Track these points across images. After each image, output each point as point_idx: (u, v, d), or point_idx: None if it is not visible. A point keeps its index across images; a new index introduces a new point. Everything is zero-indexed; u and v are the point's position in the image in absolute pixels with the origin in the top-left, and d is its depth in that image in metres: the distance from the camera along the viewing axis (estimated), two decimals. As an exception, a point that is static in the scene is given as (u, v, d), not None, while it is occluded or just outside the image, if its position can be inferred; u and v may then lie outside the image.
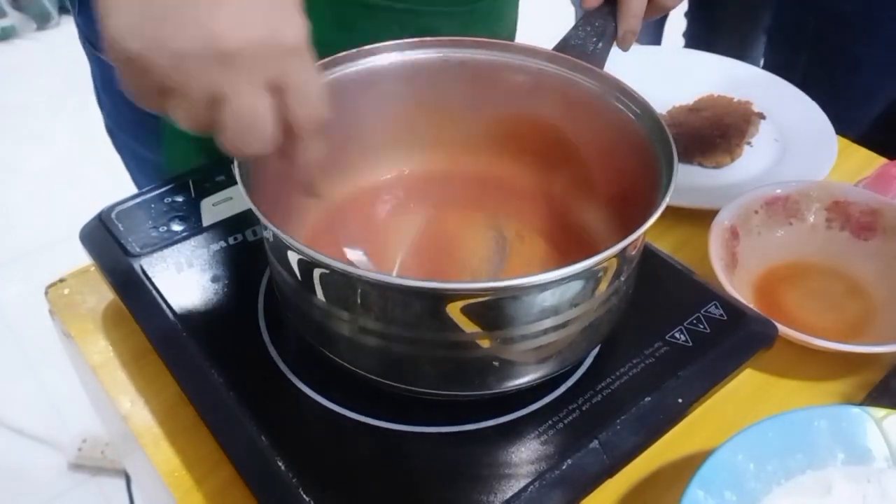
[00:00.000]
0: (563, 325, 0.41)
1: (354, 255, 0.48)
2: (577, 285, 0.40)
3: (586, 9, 0.54)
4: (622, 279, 0.43)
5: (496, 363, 0.41)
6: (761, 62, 1.17)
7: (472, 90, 0.53)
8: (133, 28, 0.32)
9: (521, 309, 0.39)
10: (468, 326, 0.39)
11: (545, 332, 0.40)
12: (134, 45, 0.32)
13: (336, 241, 0.51)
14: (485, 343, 0.40)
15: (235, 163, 0.41)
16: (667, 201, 0.40)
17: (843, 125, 0.74)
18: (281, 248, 0.41)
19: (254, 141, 0.35)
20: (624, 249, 0.39)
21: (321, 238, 0.52)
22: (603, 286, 0.41)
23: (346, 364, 0.44)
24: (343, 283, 0.39)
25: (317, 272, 0.40)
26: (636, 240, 0.39)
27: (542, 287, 0.38)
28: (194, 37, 0.31)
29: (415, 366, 0.42)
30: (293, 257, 0.40)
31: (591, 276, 0.40)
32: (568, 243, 0.53)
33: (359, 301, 0.40)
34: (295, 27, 0.34)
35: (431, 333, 0.40)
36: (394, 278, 0.39)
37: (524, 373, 0.43)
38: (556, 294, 0.39)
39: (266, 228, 0.42)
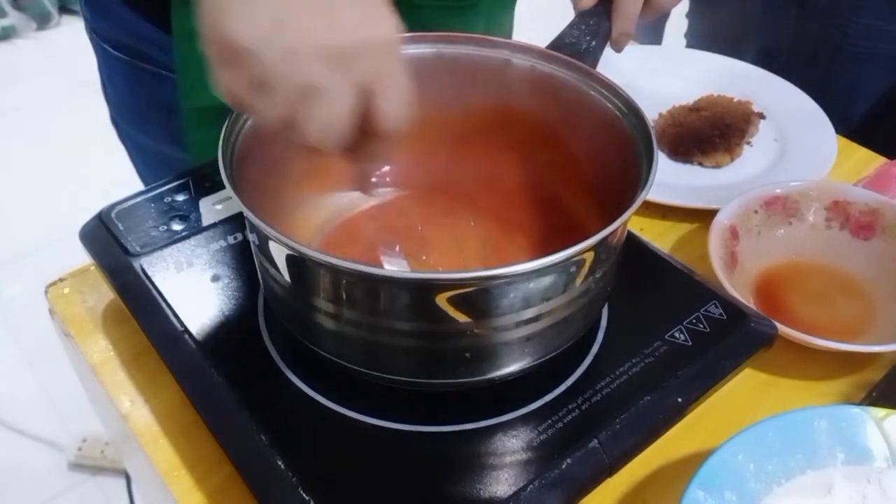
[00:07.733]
0: (546, 315, 0.41)
1: (395, 262, 0.48)
2: (556, 276, 0.40)
3: (580, 9, 0.54)
4: (603, 271, 0.43)
5: (468, 354, 0.42)
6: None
7: (464, 85, 0.54)
8: (251, 26, 0.34)
9: (504, 298, 0.39)
10: (457, 316, 0.39)
11: (529, 320, 0.41)
12: (247, 40, 0.34)
13: (323, 237, 0.51)
14: (470, 331, 0.40)
15: (221, 162, 0.41)
16: (643, 197, 0.40)
17: (831, 121, 0.74)
18: (266, 244, 0.41)
19: (336, 134, 0.37)
20: (604, 240, 0.39)
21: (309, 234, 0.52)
22: (579, 279, 0.41)
23: (331, 357, 0.44)
24: (327, 276, 0.40)
25: (305, 266, 0.40)
26: (614, 231, 0.40)
27: (524, 277, 0.39)
28: (309, 36, 0.35)
29: (395, 355, 0.43)
30: (279, 251, 0.41)
31: (570, 267, 0.40)
32: (555, 238, 0.53)
33: (343, 294, 0.40)
34: (390, 25, 0.37)
35: (414, 323, 0.40)
36: (375, 269, 0.39)
37: (512, 361, 0.43)
38: (537, 283, 0.39)
39: (253, 230, 0.42)
